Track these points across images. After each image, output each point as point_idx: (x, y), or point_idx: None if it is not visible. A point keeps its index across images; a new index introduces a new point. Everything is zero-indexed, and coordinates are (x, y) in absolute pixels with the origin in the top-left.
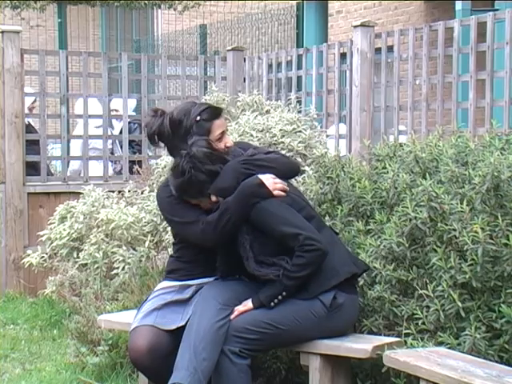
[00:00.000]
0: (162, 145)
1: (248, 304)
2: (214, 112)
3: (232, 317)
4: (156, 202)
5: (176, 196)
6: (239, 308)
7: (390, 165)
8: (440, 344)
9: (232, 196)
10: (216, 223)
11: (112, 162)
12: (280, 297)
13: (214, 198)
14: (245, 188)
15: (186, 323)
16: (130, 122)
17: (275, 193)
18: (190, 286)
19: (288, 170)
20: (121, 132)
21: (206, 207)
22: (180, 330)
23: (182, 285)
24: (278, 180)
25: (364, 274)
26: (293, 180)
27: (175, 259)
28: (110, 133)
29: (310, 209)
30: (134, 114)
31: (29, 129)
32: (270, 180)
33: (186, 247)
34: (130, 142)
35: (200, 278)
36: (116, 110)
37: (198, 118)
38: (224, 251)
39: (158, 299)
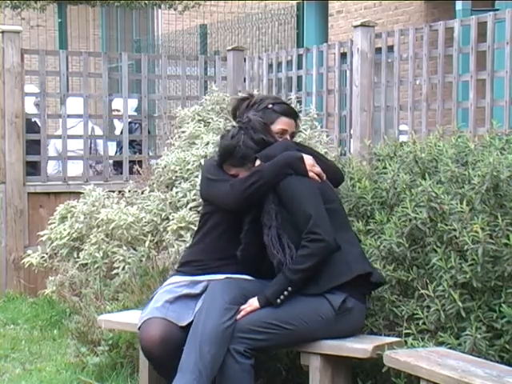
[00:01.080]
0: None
1: (254, 303)
2: (287, 110)
3: (238, 317)
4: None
5: (218, 162)
6: (245, 307)
7: (390, 165)
8: (440, 344)
9: (269, 162)
10: (245, 181)
11: (93, 162)
12: (286, 292)
13: (258, 163)
14: (284, 157)
15: None
16: (130, 122)
17: (310, 174)
18: (200, 281)
19: (335, 172)
20: (122, 132)
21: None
22: (190, 325)
23: (192, 280)
24: (317, 166)
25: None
26: None
27: (193, 249)
28: (91, 132)
29: (339, 205)
30: (135, 113)
31: (34, 127)
32: (310, 161)
33: (209, 232)
34: (131, 142)
35: (211, 273)
36: (117, 110)
37: (270, 106)
38: (248, 231)
39: (169, 292)
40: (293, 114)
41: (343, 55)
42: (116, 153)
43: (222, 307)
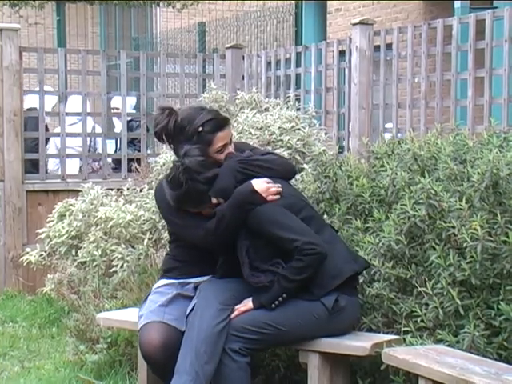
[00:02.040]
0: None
1: (248, 304)
2: (218, 124)
3: (232, 316)
4: (155, 200)
5: (176, 207)
6: (239, 307)
7: (388, 163)
8: (439, 341)
9: (226, 203)
10: (215, 231)
11: (92, 160)
12: (280, 299)
13: (214, 200)
14: (238, 195)
15: None
16: (131, 120)
17: (269, 198)
18: (188, 283)
19: (285, 170)
20: (129, 129)
21: (206, 213)
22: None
23: (180, 282)
24: (271, 184)
25: (364, 272)
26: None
27: (171, 258)
28: (91, 131)
29: (310, 208)
30: (134, 111)
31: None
32: (263, 185)
33: (181, 246)
34: (132, 140)
35: (197, 276)
36: (117, 109)
37: (200, 128)
38: (224, 254)
39: (161, 294)
40: (225, 124)
41: (342, 53)
42: (116, 151)
43: (216, 308)
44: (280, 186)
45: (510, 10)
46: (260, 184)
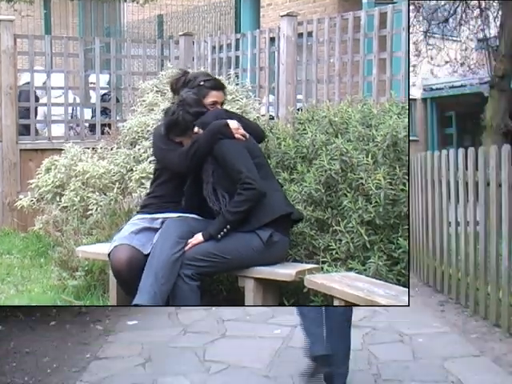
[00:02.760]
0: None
1: (198, 237)
2: (216, 84)
3: (186, 248)
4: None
5: (164, 134)
6: (192, 241)
7: (309, 127)
8: (350, 270)
9: (202, 132)
10: (188, 150)
11: (74, 124)
12: (225, 230)
13: (196, 130)
14: (213, 126)
15: None
16: (105, 94)
17: (236, 135)
18: (157, 218)
19: (256, 131)
20: (103, 100)
21: (186, 143)
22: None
23: (151, 217)
24: (241, 128)
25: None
26: None
27: (149, 196)
28: (73, 101)
29: (263, 160)
30: (107, 86)
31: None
32: (235, 125)
33: (161, 183)
34: (105, 109)
35: (167, 211)
36: (93, 83)
37: (202, 83)
38: (191, 184)
39: (133, 225)
40: (221, 87)
41: (272, 39)
42: (92, 117)
43: (173, 241)
44: (248, 135)
45: (406, 4)
46: (233, 123)
